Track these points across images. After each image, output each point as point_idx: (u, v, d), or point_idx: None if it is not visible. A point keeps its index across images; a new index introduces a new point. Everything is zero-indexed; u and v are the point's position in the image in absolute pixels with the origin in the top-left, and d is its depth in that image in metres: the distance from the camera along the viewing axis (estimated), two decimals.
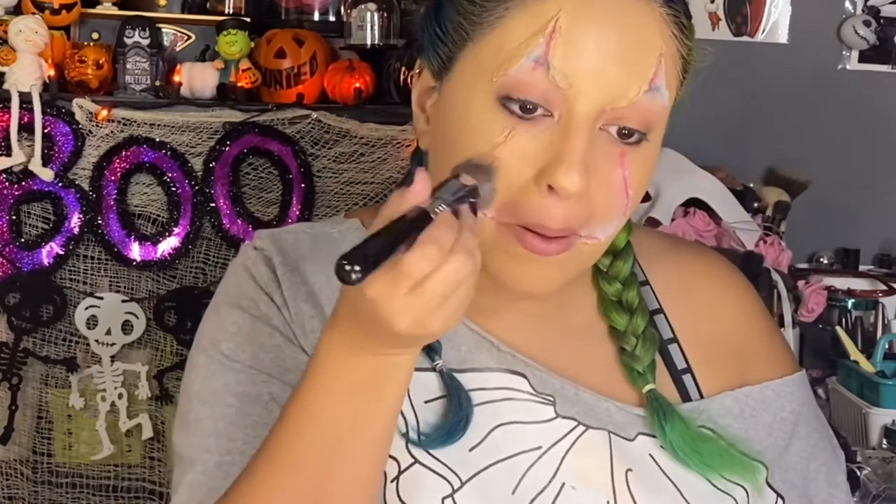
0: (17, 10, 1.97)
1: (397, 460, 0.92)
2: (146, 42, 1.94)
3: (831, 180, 2.46)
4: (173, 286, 1.96)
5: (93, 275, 1.94)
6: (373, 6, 2.09)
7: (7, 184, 1.88)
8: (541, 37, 0.85)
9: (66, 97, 1.90)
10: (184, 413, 0.97)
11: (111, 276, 1.94)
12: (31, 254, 1.90)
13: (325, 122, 1.96)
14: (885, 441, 1.95)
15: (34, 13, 1.93)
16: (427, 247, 0.75)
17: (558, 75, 0.85)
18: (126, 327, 1.94)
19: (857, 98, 2.55)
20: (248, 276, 0.99)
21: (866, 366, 2.09)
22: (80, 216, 1.91)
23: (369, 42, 2.10)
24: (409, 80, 2.02)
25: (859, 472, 1.82)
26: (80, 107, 1.89)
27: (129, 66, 1.94)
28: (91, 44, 2.02)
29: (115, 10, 2.03)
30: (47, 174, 1.87)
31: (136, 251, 1.93)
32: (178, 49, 2.08)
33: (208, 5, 2.14)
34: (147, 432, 1.96)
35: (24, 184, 1.89)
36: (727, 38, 2.47)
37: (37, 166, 1.87)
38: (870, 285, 2.40)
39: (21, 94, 1.86)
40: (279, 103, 1.99)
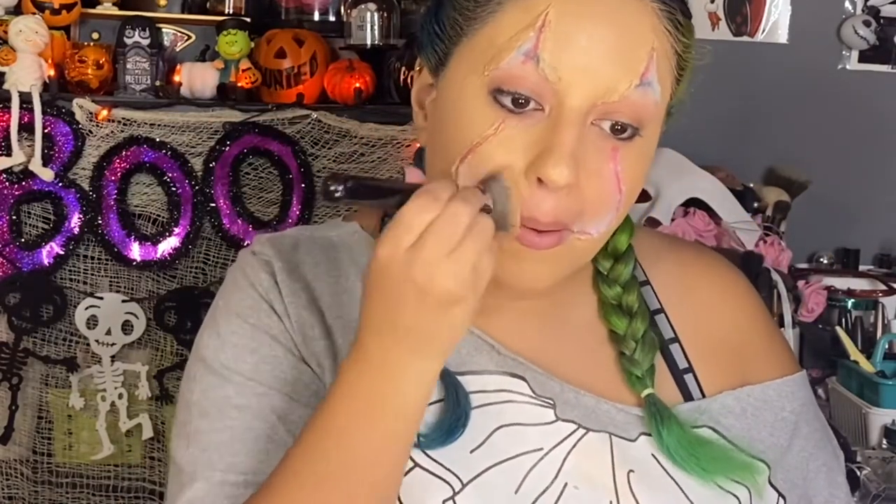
0: (17, 10, 1.97)
1: None
2: (146, 42, 1.94)
3: (831, 180, 2.46)
4: (173, 286, 1.96)
5: (93, 275, 1.94)
6: (373, 6, 2.09)
7: (7, 184, 1.88)
8: (531, 30, 0.85)
9: (66, 97, 1.90)
10: (183, 422, 0.97)
11: (111, 276, 1.95)
12: (31, 254, 1.90)
13: (325, 122, 1.96)
14: (885, 441, 1.95)
15: (34, 13, 1.93)
16: (421, 196, 0.79)
17: (548, 69, 0.85)
18: (126, 327, 1.94)
19: (857, 98, 2.55)
20: (248, 285, 0.98)
21: (866, 366, 2.09)
22: (80, 216, 1.91)
23: (369, 42, 2.10)
24: (410, 79, 2.02)
25: (859, 472, 1.82)
26: (81, 107, 1.89)
27: (129, 66, 1.94)
28: (91, 44, 2.02)
29: (115, 10, 2.03)
30: (47, 174, 1.87)
31: (136, 251, 1.93)
32: (178, 49, 2.08)
33: (208, 5, 2.14)
34: (147, 432, 1.96)
35: (24, 184, 1.89)
36: (727, 38, 2.47)
37: (37, 166, 1.87)
38: (870, 285, 2.40)
39: (21, 94, 1.86)
40: (279, 103, 1.99)
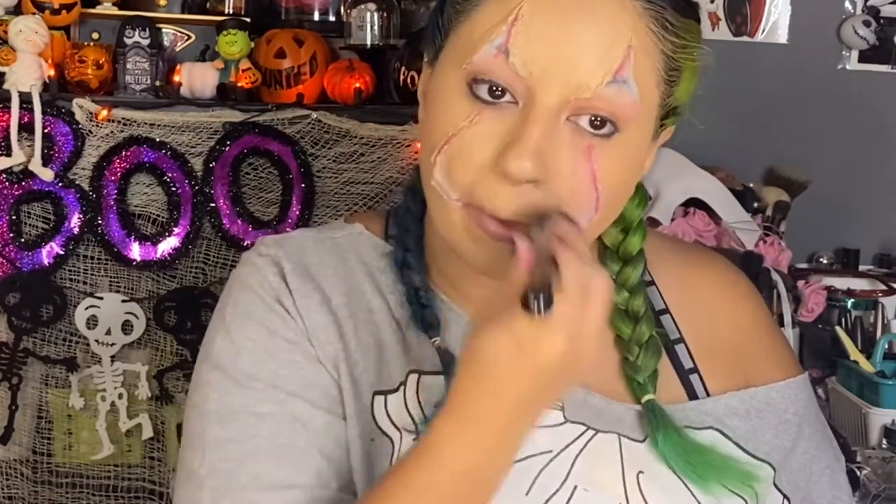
0: (17, 10, 1.97)
1: None
2: (146, 42, 1.94)
3: (831, 180, 2.46)
4: (173, 286, 1.96)
5: (93, 275, 1.94)
6: (373, 6, 2.09)
7: (7, 184, 1.88)
8: (504, 24, 0.86)
9: (66, 97, 1.90)
10: (197, 432, 0.95)
11: (111, 276, 1.94)
12: (31, 254, 1.90)
13: (325, 122, 1.96)
14: (884, 441, 1.95)
15: (34, 13, 1.93)
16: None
17: (518, 63, 0.85)
18: (126, 327, 1.94)
19: (857, 98, 2.55)
20: (258, 285, 0.97)
21: (866, 366, 2.09)
22: (80, 216, 1.91)
23: (369, 42, 2.10)
24: (410, 79, 2.02)
25: (859, 472, 1.82)
26: (80, 107, 1.89)
27: (129, 66, 1.94)
28: (91, 44, 2.02)
29: (115, 10, 2.03)
30: (47, 174, 1.87)
31: (136, 251, 1.93)
32: (178, 49, 2.08)
33: (208, 5, 2.14)
34: (147, 432, 1.96)
35: (24, 184, 1.89)
36: (727, 38, 2.47)
37: (37, 166, 1.86)
38: (869, 285, 2.40)
39: (21, 94, 1.86)
40: (279, 103, 1.99)
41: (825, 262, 2.50)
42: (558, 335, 0.80)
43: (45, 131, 1.87)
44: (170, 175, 1.93)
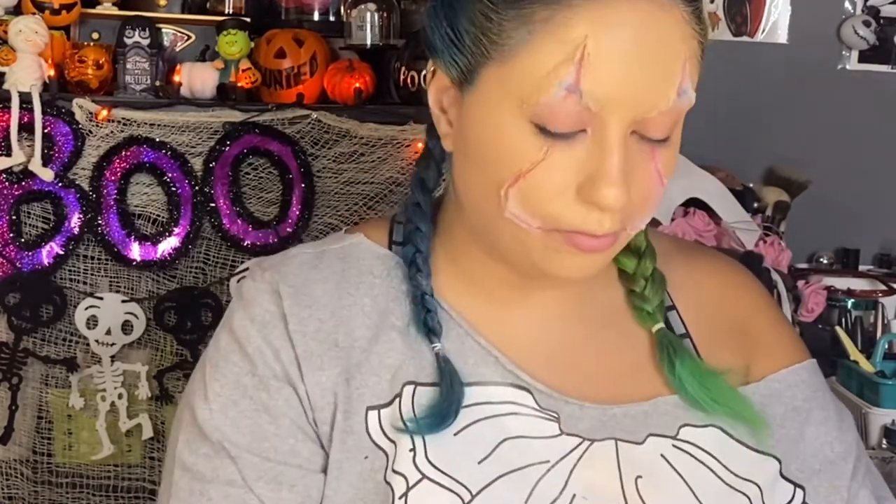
0: (17, 10, 1.97)
1: (405, 476, 0.91)
2: (146, 42, 1.94)
3: (831, 180, 2.47)
4: (173, 286, 1.96)
5: (93, 275, 1.94)
6: (373, 6, 2.09)
7: (7, 184, 1.88)
8: (570, 64, 0.85)
9: (66, 97, 1.90)
10: (169, 469, 0.97)
11: (111, 276, 1.94)
12: (31, 254, 1.90)
13: (325, 122, 1.96)
14: (884, 441, 1.95)
15: (34, 13, 1.93)
16: None
17: (591, 101, 0.86)
18: (126, 327, 1.94)
19: (857, 98, 2.55)
20: (241, 325, 0.97)
21: (866, 366, 2.09)
22: (80, 216, 1.91)
23: (369, 42, 2.10)
24: (410, 79, 2.02)
25: None
26: (80, 107, 1.89)
27: (129, 66, 1.94)
28: (91, 44, 2.02)
29: (115, 10, 2.03)
30: (47, 174, 1.87)
31: (136, 251, 1.93)
32: (178, 49, 2.08)
33: (208, 5, 2.14)
34: (147, 432, 1.96)
35: (24, 184, 1.89)
36: (727, 38, 2.47)
37: (37, 166, 1.86)
38: (869, 285, 2.40)
39: (21, 94, 1.86)
40: (279, 103, 1.99)
41: (825, 262, 2.50)
42: None
43: (45, 131, 1.87)
44: (170, 175, 1.93)
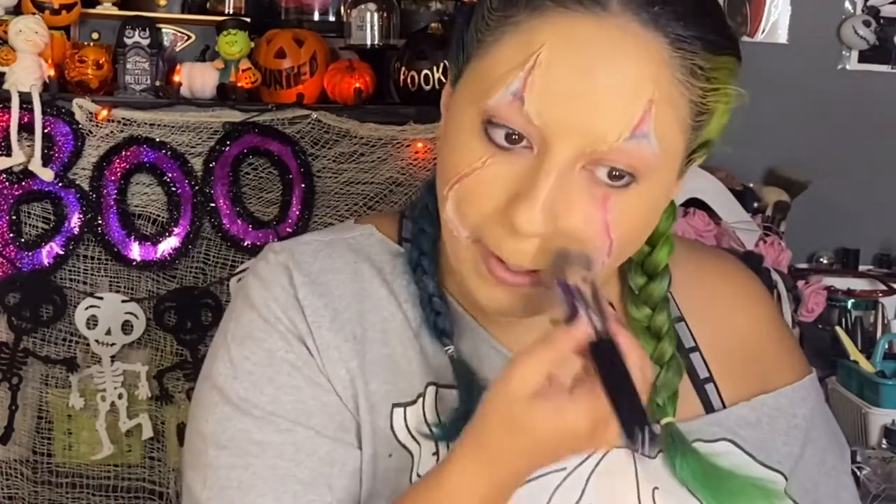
0: (17, 10, 1.97)
1: None
2: (146, 42, 1.94)
3: (831, 180, 2.46)
4: (173, 286, 1.96)
5: (93, 275, 1.94)
6: (373, 6, 2.09)
7: (7, 184, 1.88)
8: (521, 70, 0.82)
9: (66, 97, 1.90)
10: (197, 452, 0.93)
11: (111, 276, 1.94)
12: (31, 254, 1.90)
13: (325, 122, 1.96)
14: (884, 441, 1.95)
15: (34, 13, 1.93)
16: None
17: (533, 112, 0.82)
18: (126, 327, 1.94)
19: (857, 98, 2.55)
20: (263, 304, 0.94)
21: (866, 366, 2.09)
22: (80, 216, 1.90)
23: (369, 42, 2.10)
24: (410, 80, 2.02)
25: (859, 472, 1.82)
26: (80, 107, 1.89)
27: (129, 66, 1.94)
28: (91, 44, 2.02)
29: (115, 10, 2.03)
30: (47, 174, 1.87)
31: (136, 251, 1.93)
32: (178, 49, 2.08)
33: (208, 5, 2.14)
34: (147, 432, 1.96)
35: (24, 184, 1.89)
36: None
37: (37, 166, 1.86)
38: (870, 285, 2.40)
39: (21, 94, 1.86)
40: (279, 103, 1.99)
41: (825, 262, 2.50)
42: (595, 403, 0.79)
43: (45, 131, 1.87)
44: (170, 175, 1.93)
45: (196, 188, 1.93)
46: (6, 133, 1.86)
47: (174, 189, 1.93)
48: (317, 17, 2.19)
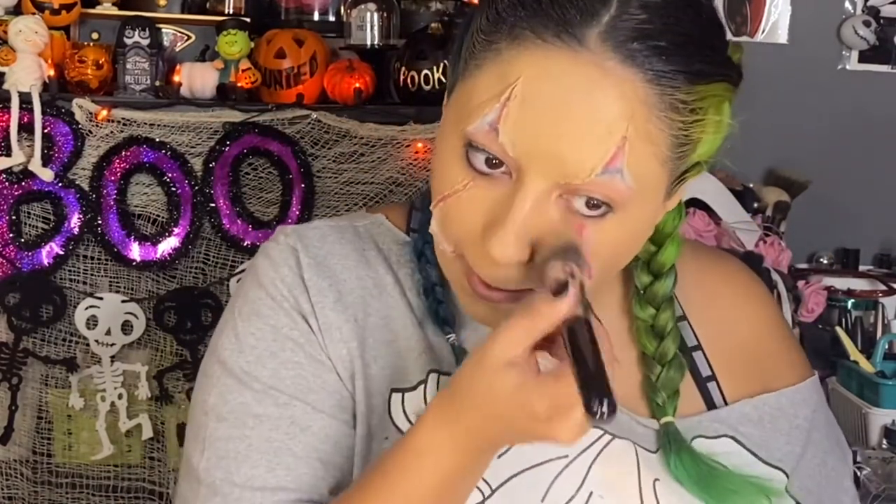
0: (17, 10, 1.97)
1: None
2: (146, 42, 1.94)
3: (831, 180, 2.46)
4: (173, 286, 1.96)
5: (93, 275, 1.94)
6: (373, 6, 2.09)
7: (7, 184, 1.88)
8: (496, 101, 0.83)
9: (66, 97, 1.90)
10: (198, 425, 0.95)
11: (111, 276, 1.94)
12: (31, 254, 1.90)
13: (325, 123, 1.96)
14: (884, 441, 1.95)
15: (34, 13, 1.93)
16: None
17: (507, 143, 0.83)
18: (126, 327, 1.94)
19: (857, 98, 2.55)
20: (270, 283, 0.96)
21: (866, 366, 2.09)
22: (80, 216, 1.91)
23: (369, 42, 2.10)
24: (410, 80, 2.02)
25: (859, 473, 1.82)
26: (80, 107, 1.89)
27: (129, 66, 1.94)
28: (91, 44, 2.02)
29: (115, 10, 2.03)
30: (47, 174, 1.87)
31: (135, 251, 1.93)
32: (178, 49, 2.08)
33: (208, 5, 2.14)
34: (147, 432, 1.96)
35: (24, 184, 1.89)
36: (727, 39, 2.47)
37: (37, 166, 1.86)
38: (870, 285, 2.40)
39: (21, 94, 1.86)
40: (279, 103, 1.99)
41: (825, 262, 2.50)
42: (559, 388, 0.79)
43: (45, 131, 1.87)
44: (170, 175, 1.93)
45: (196, 188, 1.94)
46: (6, 133, 1.86)
47: (174, 189, 1.93)
48: (317, 17, 2.19)
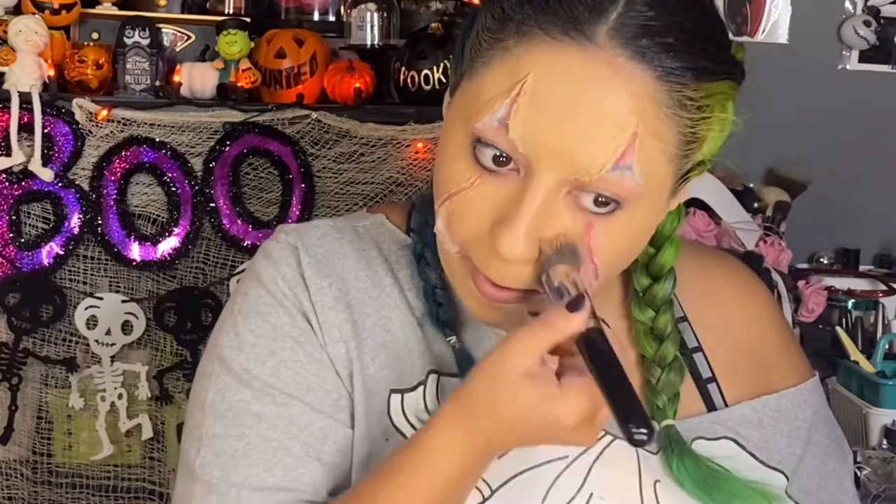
0: (17, 10, 1.97)
1: None
2: (146, 42, 1.94)
3: (831, 180, 2.46)
4: (173, 286, 1.96)
5: (93, 275, 1.93)
6: (373, 6, 2.09)
7: (7, 184, 1.88)
8: (506, 98, 0.83)
9: (66, 97, 1.90)
10: (195, 423, 0.95)
11: (111, 276, 1.94)
12: (31, 254, 1.90)
13: (325, 122, 1.96)
14: (885, 441, 1.95)
15: (34, 13, 1.93)
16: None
17: (517, 139, 0.83)
18: (126, 327, 1.94)
19: (857, 98, 2.55)
20: (271, 281, 0.96)
21: (866, 366, 2.09)
22: (80, 216, 1.90)
23: (369, 42, 2.10)
24: (410, 80, 2.02)
25: (859, 473, 1.82)
26: (80, 107, 1.89)
27: (129, 66, 1.93)
28: (91, 44, 2.01)
29: (115, 10, 2.03)
30: (47, 174, 1.87)
31: (135, 251, 1.93)
32: (178, 49, 2.08)
33: (208, 5, 2.14)
34: (147, 432, 1.96)
35: (24, 184, 1.89)
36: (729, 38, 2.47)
37: (37, 166, 1.86)
38: (870, 285, 2.40)
39: (21, 94, 1.86)
40: (279, 103, 1.99)
41: (825, 262, 2.50)
42: (584, 400, 0.80)
43: (45, 131, 1.87)
44: (170, 175, 1.93)
45: (196, 188, 1.93)
46: (6, 133, 1.86)
47: (174, 189, 1.93)
48: (317, 17, 2.20)
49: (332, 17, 2.20)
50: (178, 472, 0.97)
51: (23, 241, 1.90)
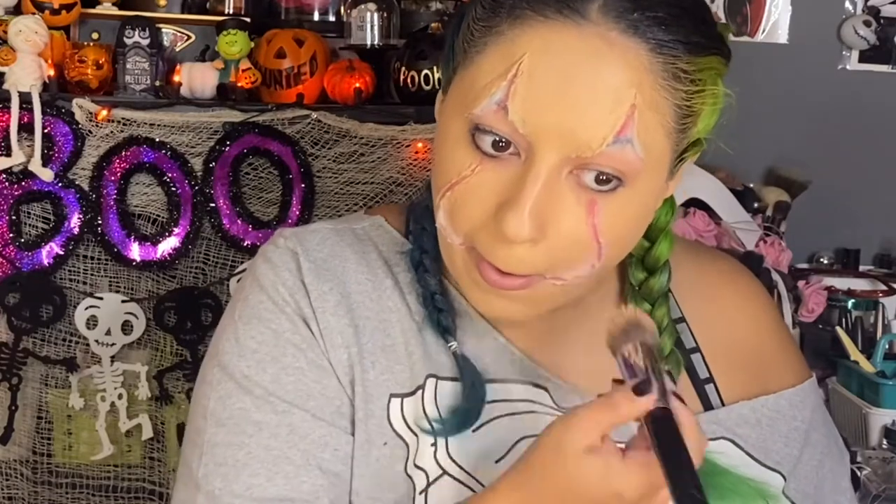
0: (17, 10, 1.97)
1: (426, 471, 0.92)
2: (146, 42, 1.94)
3: (831, 180, 2.46)
4: (173, 286, 1.96)
5: (93, 275, 1.93)
6: (373, 6, 2.09)
7: (7, 184, 1.88)
8: (504, 80, 0.84)
9: (66, 97, 1.90)
10: (197, 429, 0.95)
11: (111, 276, 1.94)
12: (31, 254, 1.90)
13: (325, 122, 1.96)
14: (885, 441, 1.95)
15: (34, 13, 1.93)
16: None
17: (517, 120, 0.83)
18: (126, 327, 1.94)
19: (857, 98, 2.55)
20: (271, 286, 0.96)
21: (866, 366, 2.09)
22: (80, 216, 1.90)
23: (369, 42, 2.10)
24: (410, 79, 2.02)
25: (859, 473, 1.82)
26: (80, 107, 1.89)
27: (129, 66, 1.93)
28: (91, 44, 2.01)
29: (115, 10, 2.03)
30: (47, 174, 1.87)
31: (135, 251, 1.93)
32: (178, 49, 2.08)
33: (208, 5, 2.14)
34: (147, 432, 1.96)
35: (23, 184, 1.89)
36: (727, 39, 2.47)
37: (37, 166, 1.86)
38: (870, 285, 2.40)
39: (21, 94, 1.86)
40: (279, 103, 1.99)
41: (825, 262, 2.50)
42: (646, 476, 0.80)
43: (45, 131, 1.87)
44: (170, 175, 1.93)
45: (196, 188, 1.93)
46: (6, 133, 1.86)
47: (174, 189, 1.93)
48: (317, 17, 2.19)
49: (332, 17, 2.20)
50: (178, 476, 0.96)
51: (23, 241, 1.90)
